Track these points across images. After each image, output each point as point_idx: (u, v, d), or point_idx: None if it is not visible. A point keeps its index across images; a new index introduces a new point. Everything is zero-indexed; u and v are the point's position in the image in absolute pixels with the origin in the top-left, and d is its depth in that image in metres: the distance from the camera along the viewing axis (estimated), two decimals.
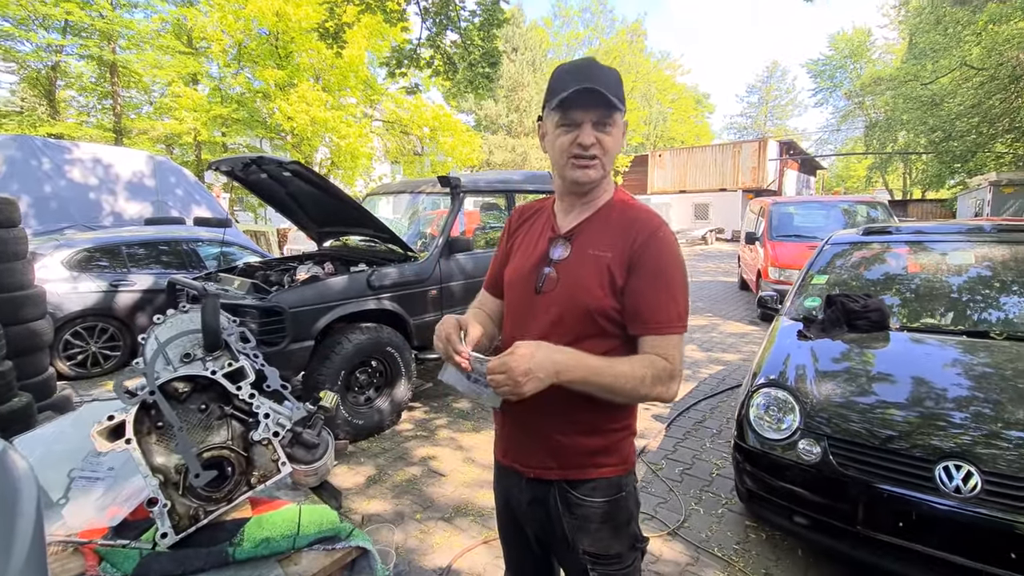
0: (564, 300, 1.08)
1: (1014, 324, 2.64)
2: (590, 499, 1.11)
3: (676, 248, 1.07)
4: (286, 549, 0.85)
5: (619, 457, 1.14)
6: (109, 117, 15.65)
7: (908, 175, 34.26)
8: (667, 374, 1.02)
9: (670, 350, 1.03)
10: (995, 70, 12.62)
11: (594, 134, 1.03)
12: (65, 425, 1.04)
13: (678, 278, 1.06)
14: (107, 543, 0.82)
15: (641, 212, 1.11)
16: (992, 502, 1.72)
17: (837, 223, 7.76)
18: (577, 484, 1.12)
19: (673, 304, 1.04)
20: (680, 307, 1.05)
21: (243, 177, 4.00)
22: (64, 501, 0.90)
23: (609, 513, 1.13)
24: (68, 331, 4.85)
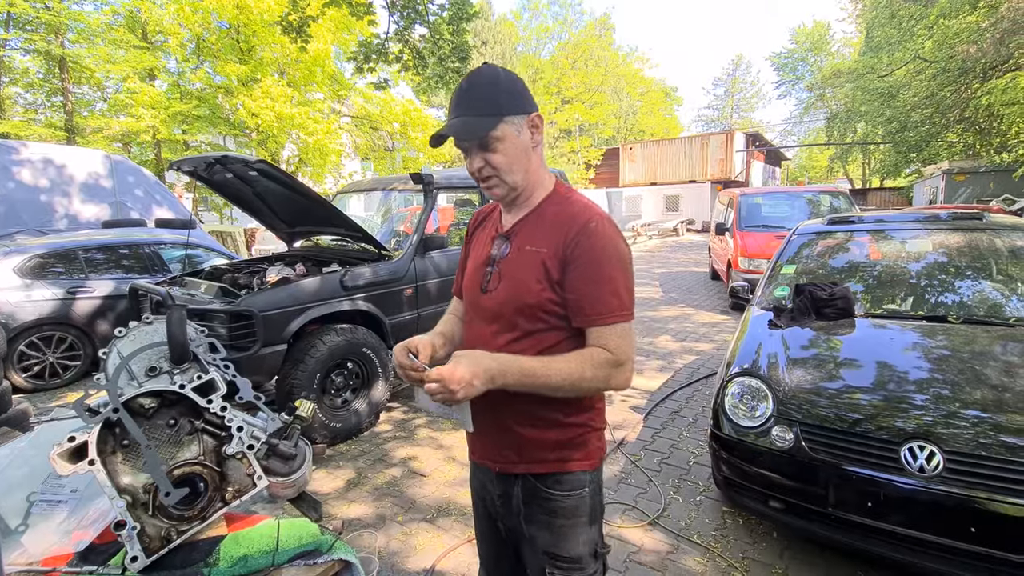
0: (506, 297, 1.11)
1: (969, 308, 2.76)
2: (552, 491, 1.13)
3: (611, 237, 1.05)
4: (265, 566, 0.82)
5: (582, 452, 1.14)
6: (60, 115, 14.91)
7: (867, 164, 35.55)
8: (609, 363, 1.02)
9: (612, 339, 1.03)
10: (946, 63, 13.14)
11: (480, 156, 1.07)
12: (21, 447, 0.98)
13: (614, 267, 1.04)
14: (72, 570, 0.78)
15: (575, 206, 1.11)
16: (953, 480, 1.80)
17: (802, 213, 7.99)
18: (541, 477, 1.14)
19: (611, 293, 1.03)
20: (619, 295, 1.04)
21: (207, 177, 3.86)
22: (23, 528, 0.85)
23: (571, 508, 1.13)
24: (23, 341, 4.61)
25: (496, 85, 1.06)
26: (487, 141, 1.05)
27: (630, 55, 39.45)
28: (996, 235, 3.11)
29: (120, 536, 0.77)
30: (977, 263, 3.00)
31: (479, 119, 1.03)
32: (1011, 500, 1.72)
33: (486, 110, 1.04)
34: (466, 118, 1.04)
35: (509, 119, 1.05)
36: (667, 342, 5.74)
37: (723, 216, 9.22)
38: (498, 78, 1.07)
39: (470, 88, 1.06)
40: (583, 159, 29.13)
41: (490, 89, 1.05)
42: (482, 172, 1.08)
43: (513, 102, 1.06)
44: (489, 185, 1.10)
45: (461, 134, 1.04)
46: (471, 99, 1.05)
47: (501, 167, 1.07)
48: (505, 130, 1.05)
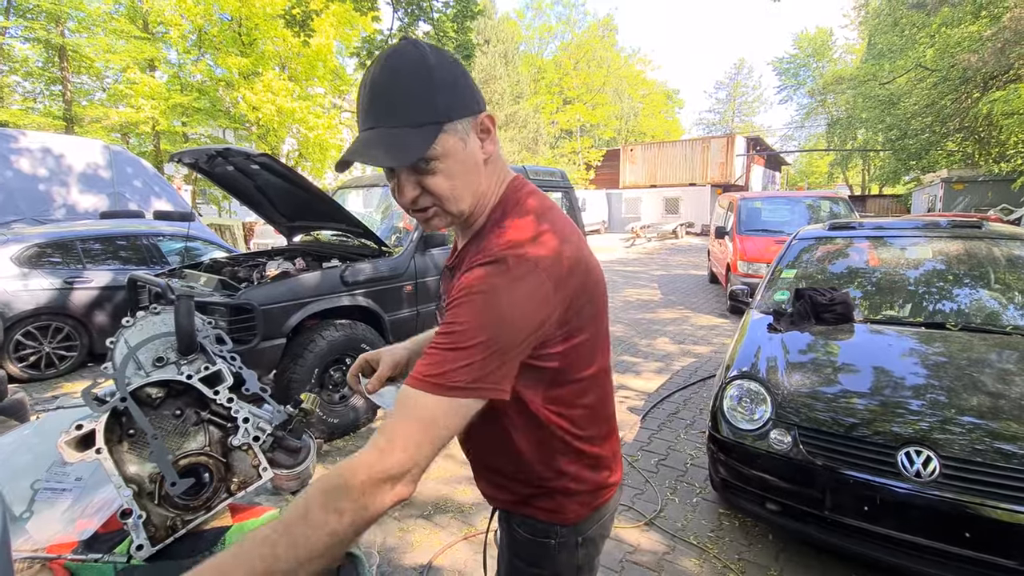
0: None
1: (967, 316, 2.78)
2: (520, 532, 0.97)
3: (496, 280, 0.71)
4: None
5: (553, 505, 0.93)
6: (58, 104, 14.82)
7: (867, 171, 35.65)
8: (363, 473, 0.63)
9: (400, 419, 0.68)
10: (947, 71, 13.20)
11: (414, 181, 0.77)
12: (26, 435, 0.98)
13: (471, 317, 0.69)
14: (78, 557, 0.78)
15: (496, 232, 0.80)
16: (949, 485, 1.82)
17: (802, 218, 8.02)
18: (513, 515, 0.98)
19: (443, 349, 0.69)
20: (453, 355, 0.68)
21: (208, 169, 3.85)
22: (28, 515, 0.85)
23: (530, 553, 0.96)
24: (19, 331, 4.60)
25: (428, 76, 0.72)
26: (425, 160, 0.74)
27: (632, 56, 39.50)
28: (994, 244, 3.13)
29: (126, 524, 0.77)
30: (975, 271, 3.02)
31: (407, 132, 0.72)
32: (1005, 506, 1.74)
33: (417, 116, 0.72)
34: (387, 130, 0.72)
35: (451, 126, 0.75)
36: (665, 344, 5.76)
37: (723, 220, 9.24)
38: (427, 64, 0.73)
39: (390, 83, 0.73)
40: (584, 160, 29.16)
41: (419, 83, 0.72)
42: (418, 203, 0.79)
43: (455, 100, 0.75)
44: (428, 217, 0.81)
45: (381, 158, 0.71)
46: (392, 99, 0.73)
47: (443, 195, 0.77)
48: (446, 143, 0.74)
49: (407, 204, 0.80)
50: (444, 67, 0.74)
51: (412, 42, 0.75)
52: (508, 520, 1.00)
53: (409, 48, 0.74)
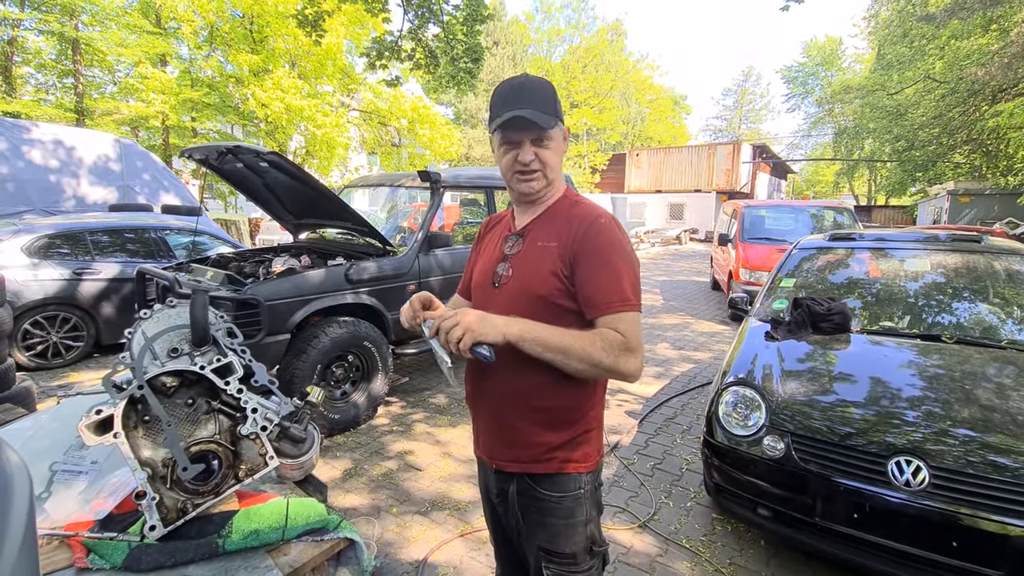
0: (517, 290, 1.16)
1: (963, 329, 2.81)
2: (548, 493, 1.15)
3: (616, 233, 1.12)
4: (275, 540, 0.87)
5: (580, 454, 1.16)
6: (70, 96, 14.96)
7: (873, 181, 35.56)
8: (620, 345, 1.04)
9: (622, 325, 1.06)
10: (955, 84, 13.19)
11: (533, 150, 1.13)
12: (45, 419, 1.03)
13: (620, 260, 1.09)
14: (94, 535, 0.82)
15: (583, 206, 1.18)
16: (938, 495, 1.85)
17: (806, 227, 8.03)
18: (537, 478, 1.16)
19: (617, 284, 1.08)
20: (625, 286, 1.08)
21: (217, 166, 3.91)
22: (46, 495, 0.89)
23: (566, 509, 1.15)
24: (27, 320, 4.67)
25: (551, 92, 1.15)
26: (544, 136, 1.12)
27: (640, 61, 39.51)
28: (993, 258, 3.16)
29: (140, 505, 0.82)
30: (973, 285, 3.05)
31: (546, 116, 1.10)
32: (993, 517, 1.76)
33: (549, 110, 1.11)
34: (535, 111, 1.09)
35: (559, 124, 1.15)
36: (665, 349, 5.79)
37: (726, 227, 9.25)
38: (548, 85, 1.16)
39: (531, 87, 1.13)
40: (589, 163, 29.18)
41: (548, 93, 1.13)
42: (531, 165, 1.14)
43: (559, 110, 1.16)
44: (532, 178, 1.15)
45: (536, 121, 1.08)
46: (534, 97, 1.11)
47: (549, 163, 1.15)
48: (556, 133, 1.15)
49: (525, 163, 1.14)
50: (554, 90, 1.17)
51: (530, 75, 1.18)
52: (531, 487, 1.16)
53: (534, 76, 1.17)
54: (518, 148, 1.13)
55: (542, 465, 1.14)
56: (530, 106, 1.10)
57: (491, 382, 1.15)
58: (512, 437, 1.16)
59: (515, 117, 1.08)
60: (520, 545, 1.27)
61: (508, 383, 1.10)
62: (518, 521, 1.22)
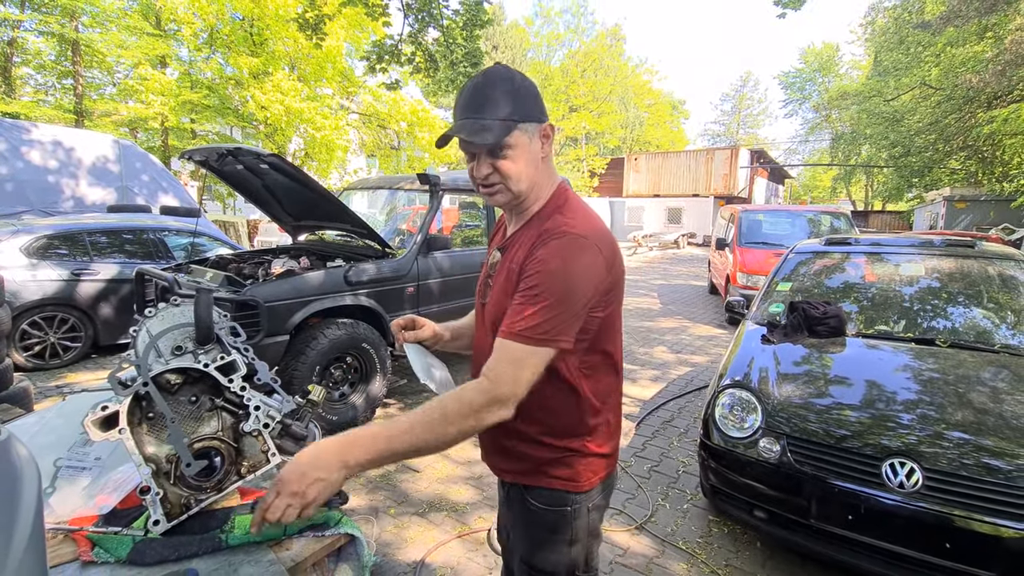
0: (492, 310, 1.08)
1: (958, 333, 2.83)
2: (535, 503, 1.10)
3: (567, 252, 0.94)
4: (277, 535, 0.88)
5: (568, 472, 1.08)
6: (69, 97, 14.97)
7: (870, 187, 35.74)
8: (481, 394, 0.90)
9: (498, 363, 0.92)
10: (951, 90, 13.30)
11: (489, 163, 1.01)
12: (50, 416, 1.04)
13: (548, 282, 0.93)
14: (98, 530, 0.83)
15: (558, 217, 1.03)
16: (931, 496, 1.87)
17: (803, 232, 8.08)
18: (529, 488, 1.11)
19: (527, 308, 0.92)
20: (534, 312, 0.91)
21: (217, 167, 3.92)
22: (51, 490, 0.90)
23: (550, 522, 1.10)
24: (26, 320, 4.66)
25: (512, 88, 0.99)
26: (500, 147, 0.98)
27: (639, 66, 39.72)
28: (987, 263, 3.19)
29: (145, 500, 0.83)
30: (967, 290, 3.08)
31: (493, 123, 0.96)
32: (986, 519, 1.78)
33: (500, 114, 0.97)
34: (479, 120, 0.97)
35: (523, 126, 1.00)
36: (663, 353, 5.81)
37: (724, 231, 9.30)
38: (514, 81, 1.00)
39: (484, 88, 0.99)
40: (588, 167, 29.28)
41: (506, 92, 0.99)
42: (488, 179, 1.02)
43: (528, 108, 1.00)
44: (493, 191, 1.04)
45: (474, 138, 0.96)
46: (485, 100, 0.98)
47: (510, 175, 1.01)
48: (518, 138, 0.99)
49: (480, 179, 1.04)
50: (524, 85, 1.01)
51: (502, 66, 1.03)
52: (523, 496, 1.12)
53: (500, 68, 1.02)
54: (475, 160, 1.03)
55: (532, 477, 1.10)
56: (481, 113, 0.97)
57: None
58: (505, 448, 1.13)
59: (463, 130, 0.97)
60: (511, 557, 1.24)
61: None
62: (510, 531, 1.20)
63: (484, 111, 0.97)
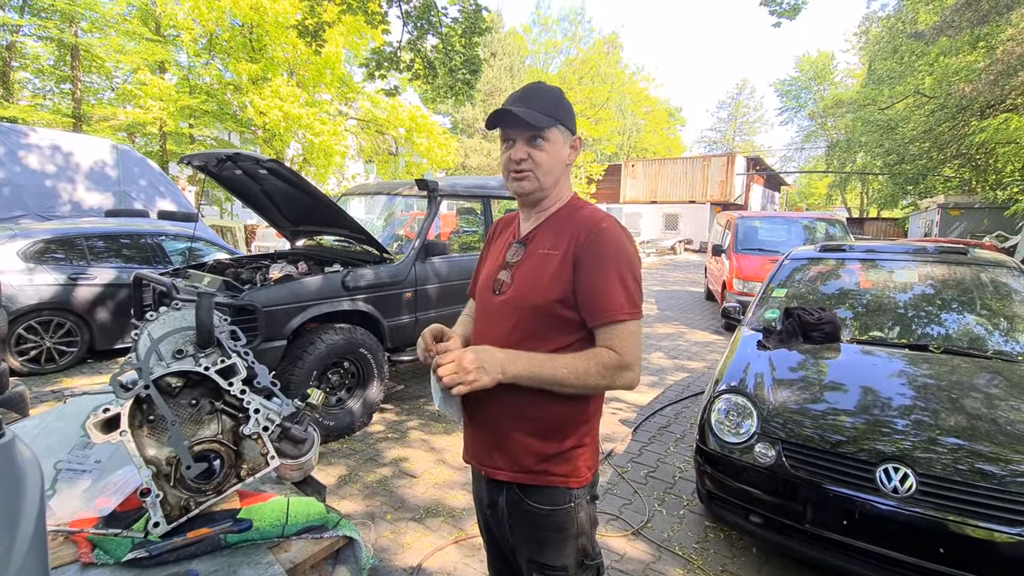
0: (517, 299, 1.14)
1: (951, 339, 2.86)
2: (538, 505, 1.13)
3: (620, 239, 1.10)
4: (275, 537, 0.89)
5: (570, 468, 1.13)
6: (67, 102, 14.97)
7: (865, 194, 35.97)
8: (615, 364, 1.05)
9: (619, 340, 1.06)
10: (945, 99, 13.43)
11: (526, 149, 1.13)
12: (51, 419, 1.05)
13: (622, 266, 1.08)
14: (99, 532, 0.84)
15: (586, 212, 1.17)
16: (925, 501, 1.88)
17: (798, 238, 8.13)
18: (526, 489, 1.14)
19: (617, 292, 1.07)
20: (626, 294, 1.07)
21: (216, 172, 3.94)
22: (51, 492, 0.91)
23: (556, 523, 1.13)
24: (22, 325, 4.65)
25: (558, 98, 1.17)
26: (538, 136, 1.12)
27: (636, 74, 39.89)
28: (980, 270, 3.22)
29: (145, 502, 0.84)
30: (960, 297, 3.11)
31: (540, 115, 1.11)
32: (979, 524, 1.79)
33: (547, 111, 1.12)
34: (528, 109, 1.11)
35: (561, 128, 1.15)
36: (660, 359, 5.82)
37: (720, 238, 9.34)
38: (560, 94, 1.18)
39: (537, 91, 1.16)
40: (585, 173, 29.38)
41: (553, 98, 1.15)
42: (522, 164, 1.14)
43: (567, 117, 1.17)
44: (522, 176, 1.15)
45: (525, 117, 1.09)
46: (535, 98, 1.13)
47: (542, 164, 1.14)
48: (555, 135, 1.14)
49: (516, 161, 1.15)
50: (566, 100, 1.19)
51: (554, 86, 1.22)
52: (521, 498, 1.15)
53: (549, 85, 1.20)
54: (512, 146, 1.15)
55: (532, 476, 1.13)
56: (527, 106, 1.11)
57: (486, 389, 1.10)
58: (504, 444, 1.14)
59: (506, 113, 1.11)
60: (512, 556, 1.25)
61: (503, 391, 1.06)
62: (510, 533, 1.20)
63: (533, 104, 1.12)
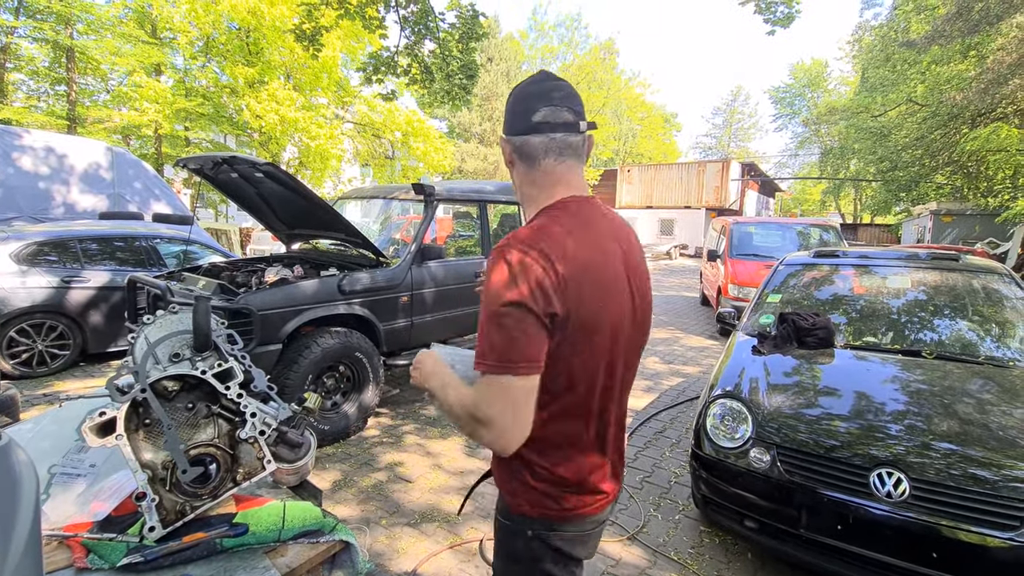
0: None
1: (943, 345, 2.88)
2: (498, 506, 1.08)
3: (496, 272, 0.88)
4: (272, 541, 0.88)
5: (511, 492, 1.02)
6: (62, 104, 14.92)
7: (859, 200, 36.25)
8: (468, 411, 0.88)
9: (479, 389, 0.88)
10: (936, 107, 13.57)
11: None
12: (45, 422, 1.04)
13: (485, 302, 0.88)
14: (93, 536, 0.83)
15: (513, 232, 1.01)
16: (918, 506, 1.89)
17: (793, 244, 8.18)
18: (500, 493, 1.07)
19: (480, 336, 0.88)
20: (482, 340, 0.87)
21: (212, 175, 3.93)
22: (45, 497, 0.90)
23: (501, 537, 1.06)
24: (13, 328, 4.61)
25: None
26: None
27: (632, 80, 40.19)
28: (971, 276, 3.26)
29: (140, 507, 0.84)
30: (952, 303, 3.14)
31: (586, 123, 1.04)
32: (972, 528, 1.81)
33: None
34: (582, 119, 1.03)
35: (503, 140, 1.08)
36: (655, 364, 5.83)
37: (716, 243, 9.39)
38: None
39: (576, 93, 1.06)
40: None
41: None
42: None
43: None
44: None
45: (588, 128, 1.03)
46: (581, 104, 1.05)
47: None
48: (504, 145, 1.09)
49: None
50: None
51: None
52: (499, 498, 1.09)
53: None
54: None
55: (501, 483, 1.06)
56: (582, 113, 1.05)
57: None
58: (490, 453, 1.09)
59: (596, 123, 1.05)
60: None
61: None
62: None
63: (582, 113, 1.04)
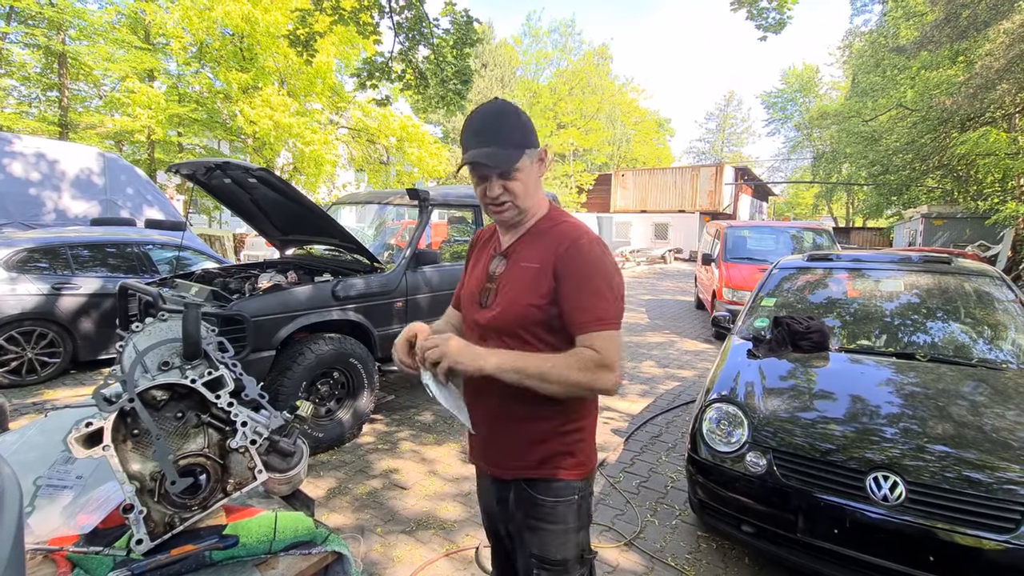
0: (502, 309, 1.19)
1: (937, 348, 2.89)
2: (543, 498, 1.19)
3: (597, 252, 1.13)
4: (263, 553, 0.87)
5: (573, 461, 1.20)
6: (54, 110, 14.82)
7: (851, 204, 36.55)
8: (595, 363, 1.07)
9: (599, 342, 1.08)
10: (926, 112, 13.72)
11: (500, 184, 1.15)
12: (30, 432, 1.02)
13: (601, 280, 1.11)
14: (79, 550, 0.82)
15: (565, 225, 1.20)
16: (914, 509, 1.89)
17: (786, 247, 8.23)
18: (533, 483, 1.20)
19: (598, 303, 1.10)
20: (604, 305, 1.10)
21: (205, 181, 3.90)
22: (30, 509, 0.88)
23: (560, 514, 1.20)
24: (2, 335, 4.55)
25: (519, 121, 1.16)
26: (512, 170, 1.14)
27: (626, 85, 40.45)
28: (963, 279, 3.28)
29: (128, 519, 0.82)
30: (946, 305, 3.16)
31: (507, 151, 1.12)
32: (968, 531, 1.81)
33: (512, 142, 1.13)
34: (494, 149, 1.12)
35: (528, 152, 1.16)
36: (650, 367, 5.83)
37: (710, 247, 9.42)
38: (520, 113, 1.17)
39: (497, 119, 1.15)
40: (576, 183, 29.58)
41: (515, 123, 1.15)
42: (500, 198, 1.16)
43: (530, 137, 1.17)
44: (502, 209, 1.19)
45: (492, 163, 1.11)
46: (499, 130, 1.13)
47: (518, 194, 1.16)
48: (525, 162, 1.15)
49: (492, 198, 1.17)
50: (526, 117, 1.18)
51: (504, 100, 1.19)
52: (528, 493, 1.21)
53: (506, 103, 1.18)
54: (487, 182, 1.16)
55: (537, 470, 1.19)
56: (495, 143, 1.12)
57: (487, 391, 1.17)
58: (508, 444, 1.21)
59: (475, 162, 1.12)
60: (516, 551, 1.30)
61: (503, 392, 1.12)
62: (516, 529, 1.26)
63: (499, 139, 1.13)
